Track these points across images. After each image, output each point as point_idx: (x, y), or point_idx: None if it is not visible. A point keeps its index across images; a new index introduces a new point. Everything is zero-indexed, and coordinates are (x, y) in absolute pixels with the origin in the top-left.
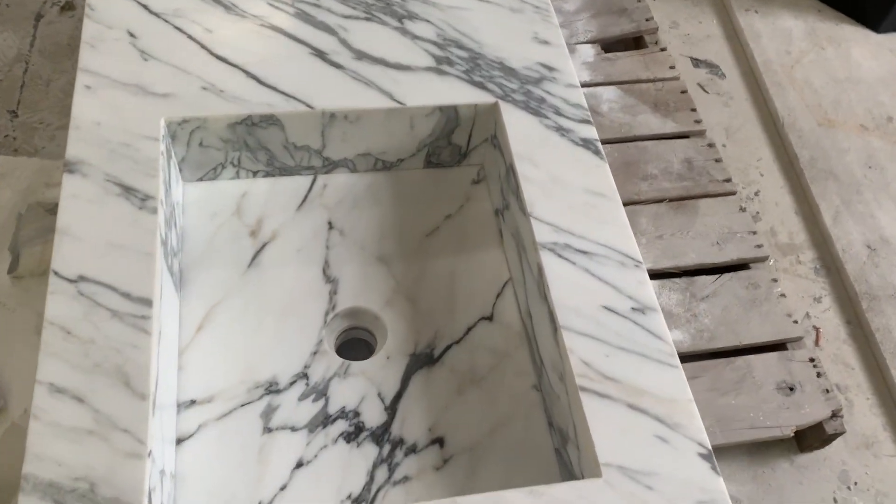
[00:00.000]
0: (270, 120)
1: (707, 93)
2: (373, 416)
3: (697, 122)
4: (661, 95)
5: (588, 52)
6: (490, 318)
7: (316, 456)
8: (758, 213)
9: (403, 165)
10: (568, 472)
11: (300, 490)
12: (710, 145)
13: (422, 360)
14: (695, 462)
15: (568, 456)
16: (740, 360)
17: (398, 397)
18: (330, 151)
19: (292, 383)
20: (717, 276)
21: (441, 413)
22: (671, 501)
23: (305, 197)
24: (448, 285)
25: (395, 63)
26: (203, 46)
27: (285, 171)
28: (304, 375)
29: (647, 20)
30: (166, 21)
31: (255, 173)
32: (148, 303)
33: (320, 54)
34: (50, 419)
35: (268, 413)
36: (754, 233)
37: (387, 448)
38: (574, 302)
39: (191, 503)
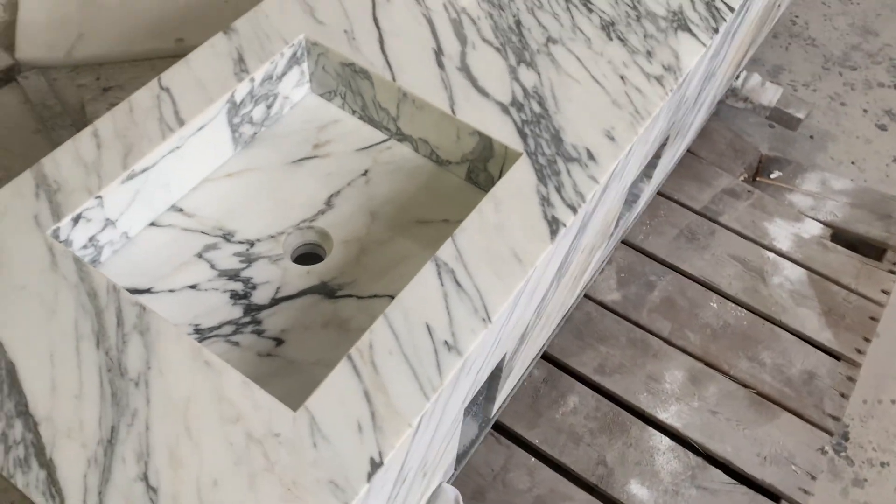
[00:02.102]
0: (365, 74)
1: None
2: (260, 296)
3: (860, 352)
4: (844, 307)
5: (812, 228)
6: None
7: (205, 289)
8: (866, 480)
9: (450, 168)
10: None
11: (175, 297)
12: (850, 378)
13: (324, 290)
14: (361, 461)
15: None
16: None
17: (287, 298)
18: (402, 124)
19: (240, 242)
20: (734, 482)
21: (302, 328)
22: (307, 475)
23: (369, 146)
24: (395, 262)
25: (481, 87)
26: (374, 7)
27: (372, 123)
28: (251, 244)
29: None
30: None
31: (353, 111)
32: (182, 123)
33: (438, 52)
34: (73, 144)
35: (209, 248)
36: (814, 478)
37: (247, 318)
38: (414, 306)
39: (117, 255)
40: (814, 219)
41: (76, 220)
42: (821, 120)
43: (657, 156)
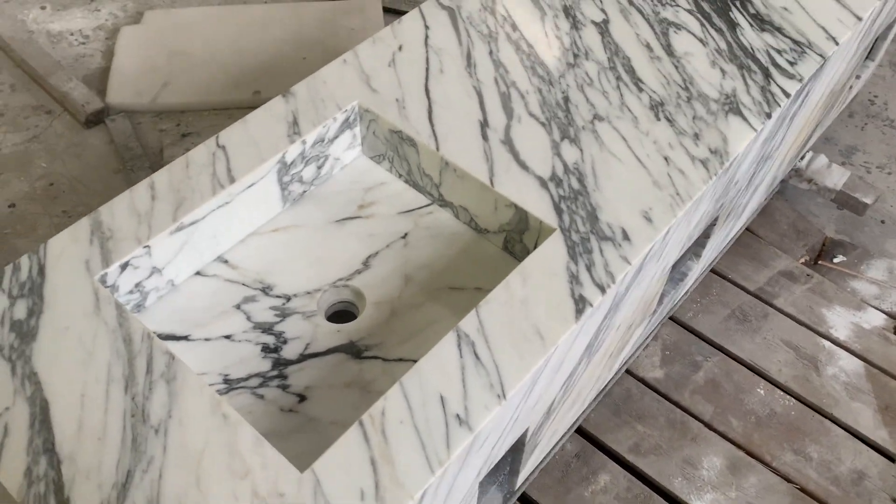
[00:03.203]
0: (411, 142)
1: None
2: (289, 350)
3: None
4: None
5: (874, 318)
6: None
7: (238, 340)
8: None
9: (488, 237)
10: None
11: (209, 346)
12: None
13: (351, 350)
14: None
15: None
16: None
17: (315, 355)
18: (444, 191)
19: (277, 296)
20: None
21: (326, 386)
22: None
23: (412, 210)
24: (423, 327)
25: (522, 160)
26: (427, 78)
27: (416, 187)
28: (288, 299)
29: None
30: (426, 48)
31: (399, 175)
32: (233, 180)
33: (484, 124)
34: (130, 195)
35: (248, 300)
36: None
37: (274, 372)
38: (431, 375)
39: (162, 300)
40: (877, 308)
41: (124, 266)
42: (894, 204)
43: (706, 235)
